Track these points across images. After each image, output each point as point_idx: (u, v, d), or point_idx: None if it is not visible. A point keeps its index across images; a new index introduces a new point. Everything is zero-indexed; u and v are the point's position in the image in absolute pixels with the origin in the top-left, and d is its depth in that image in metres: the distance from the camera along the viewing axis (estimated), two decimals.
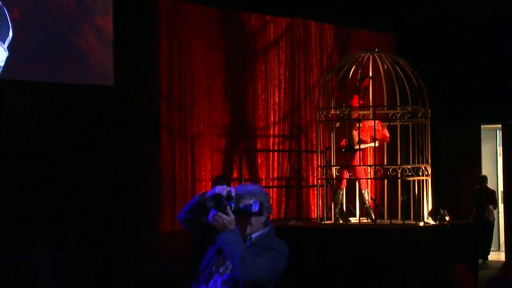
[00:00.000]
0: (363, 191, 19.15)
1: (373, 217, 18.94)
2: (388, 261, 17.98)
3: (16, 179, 13.38)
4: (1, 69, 13.51)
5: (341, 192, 19.18)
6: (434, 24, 22.63)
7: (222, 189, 7.17)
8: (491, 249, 24.28)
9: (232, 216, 7.14)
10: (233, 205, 7.20)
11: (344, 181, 19.10)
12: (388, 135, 19.06)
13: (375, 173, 18.72)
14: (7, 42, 13.80)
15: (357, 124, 18.55)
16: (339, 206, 19.15)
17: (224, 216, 7.07)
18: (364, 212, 19.31)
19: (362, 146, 18.90)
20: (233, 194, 7.22)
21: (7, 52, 13.85)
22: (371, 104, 19.34)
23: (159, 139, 17.63)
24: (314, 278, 16.79)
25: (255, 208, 7.29)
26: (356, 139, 18.62)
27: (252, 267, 7.04)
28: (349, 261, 17.75)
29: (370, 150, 19.33)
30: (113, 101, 15.34)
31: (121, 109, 15.77)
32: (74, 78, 15.07)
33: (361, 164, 19.11)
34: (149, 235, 17.02)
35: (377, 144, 18.99)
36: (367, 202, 19.14)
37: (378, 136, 18.78)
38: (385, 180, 19.37)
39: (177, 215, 7.68)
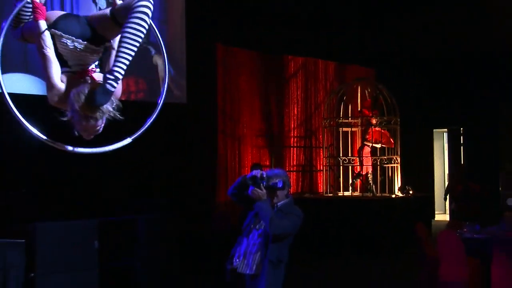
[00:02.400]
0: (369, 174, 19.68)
1: (374, 191, 19.41)
2: (372, 219, 18.13)
3: (128, 167, 13.37)
4: None
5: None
6: (401, 61, 22.55)
7: (257, 172, 7.65)
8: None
9: (264, 191, 7.54)
10: (264, 183, 7.57)
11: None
12: (392, 141, 19.77)
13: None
14: None
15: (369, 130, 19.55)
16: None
17: (259, 190, 7.47)
18: (361, 187, 19.63)
19: (375, 145, 19.54)
20: (264, 175, 7.64)
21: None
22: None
23: (217, 139, 17.77)
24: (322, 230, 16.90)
25: (279, 185, 7.69)
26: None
27: (278, 226, 7.39)
28: (345, 216, 18.13)
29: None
30: (187, 113, 15.41)
31: (192, 118, 15.87)
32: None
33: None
34: (211, 204, 17.11)
35: (379, 146, 19.72)
36: (371, 182, 19.59)
37: (384, 140, 19.67)
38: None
39: (227, 191, 8.30)
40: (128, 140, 4.77)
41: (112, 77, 4.49)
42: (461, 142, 25.08)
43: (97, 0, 12.86)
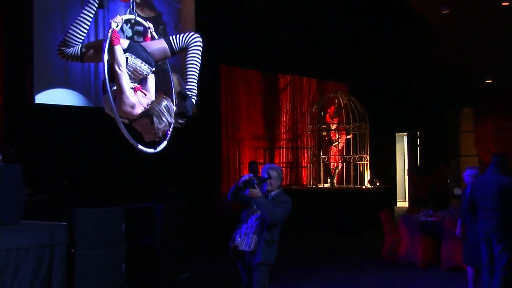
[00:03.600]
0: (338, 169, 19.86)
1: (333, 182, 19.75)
2: (346, 206, 18.23)
3: (149, 165, 13.42)
4: None
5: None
6: (370, 78, 22.64)
7: (247, 176, 7.56)
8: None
9: (258, 189, 7.43)
10: (255, 182, 7.46)
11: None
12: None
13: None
14: None
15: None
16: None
17: (254, 190, 7.38)
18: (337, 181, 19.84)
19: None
20: (253, 177, 7.52)
21: None
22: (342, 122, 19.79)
23: (221, 141, 17.81)
24: (307, 214, 17.01)
25: (264, 176, 7.65)
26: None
27: (274, 215, 7.42)
28: (325, 204, 18.15)
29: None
30: (197, 120, 15.43)
31: (201, 125, 15.85)
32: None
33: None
34: (216, 194, 17.14)
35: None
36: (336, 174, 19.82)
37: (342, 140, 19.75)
38: (345, 163, 19.62)
39: (227, 198, 7.95)
40: (165, 143, 4.93)
41: (194, 94, 5.06)
42: (418, 143, 25.18)
43: (124, 29, 12.90)
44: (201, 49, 5.14)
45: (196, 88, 5.13)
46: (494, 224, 9.00)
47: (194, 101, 5.01)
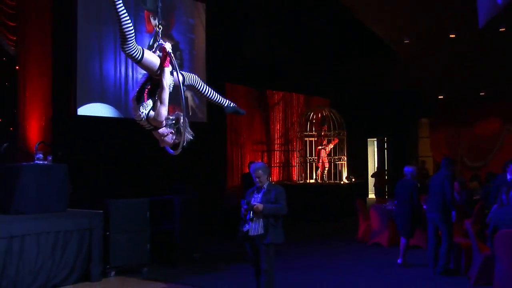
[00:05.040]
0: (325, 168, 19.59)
1: (324, 179, 19.26)
2: (328, 198, 18.21)
3: (169, 164, 13.43)
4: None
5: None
6: (347, 94, 22.65)
7: (243, 203, 7.26)
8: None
9: (257, 204, 7.15)
10: (247, 206, 7.19)
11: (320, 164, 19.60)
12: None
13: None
14: None
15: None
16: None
17: (255, 207, 7.10)
18: (320, 176, 19.63)
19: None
20: (245, 203, 7.22)
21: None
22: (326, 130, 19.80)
23: (226, 145, 17.75)
24: (295, 204, 16.97)
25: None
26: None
27: (283, 208, 7.30)
28: (311, 196, 18.08)
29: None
30: (207, 128, 15.46)
31: (210, 132, 15.83)
32: (190, 117, 15.07)
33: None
34: (223, 189, 17.12)
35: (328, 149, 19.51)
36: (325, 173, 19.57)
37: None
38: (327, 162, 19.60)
39: (238, 233, 7.44)
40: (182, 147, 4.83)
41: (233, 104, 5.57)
42: (385, 147, 25.17)
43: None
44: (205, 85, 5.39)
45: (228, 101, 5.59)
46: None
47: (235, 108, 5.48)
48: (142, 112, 4.65)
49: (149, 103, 4.67)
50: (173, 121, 4.83)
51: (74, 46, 12.58)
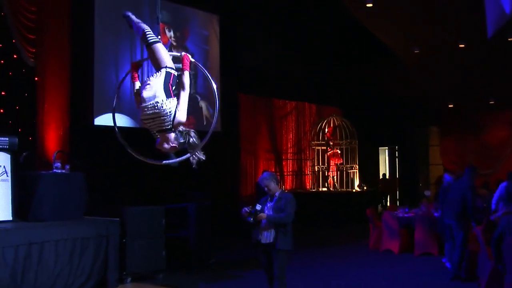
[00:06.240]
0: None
1: (336, 187, 19.13)
2: (340, 205, 18.17)
3: (184, 172, 13.42)
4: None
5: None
6: (359, 103, 22.57)
7: (245, 210, 7.29)
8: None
9: (261, 213, 7.21)
10: (253, 211, 7.23)
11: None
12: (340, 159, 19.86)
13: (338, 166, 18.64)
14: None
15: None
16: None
17: (258, 216, 7.19)
18: (332, 185, 19.61)
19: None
20: (249, 210, 7.25)
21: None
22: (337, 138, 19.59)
23: (240, 154, 17.78)
24: (309, 212, 16.91)
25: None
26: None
27: (288, 216, 7.26)
28: (323, 203, 17.99)
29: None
30: (221, 137, 15.46)
31: (224, 141, 15.86)
32: (204, 127, 15.09)
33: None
34: (237, 196, 17.12)
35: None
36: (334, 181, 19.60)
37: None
38: (339, 171, 19.53)
39: (251, 240, 7.45)
40: (188, 154, 4.64)
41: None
42: (396, 155, 25.12)
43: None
44: None
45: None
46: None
47: None
48: (169, 108, 4.43)
49: (174, 100, 4.48)
50: (183, 132, 4.64)
51: (91, 57, 12.69)
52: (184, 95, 4.52)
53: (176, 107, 4.44)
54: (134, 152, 4.86)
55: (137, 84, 4.72)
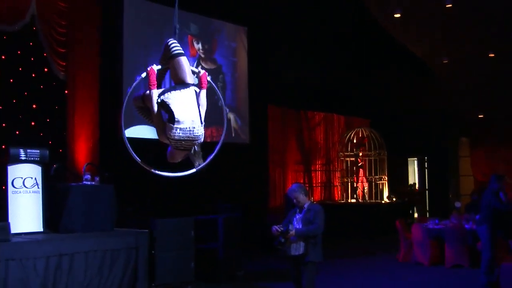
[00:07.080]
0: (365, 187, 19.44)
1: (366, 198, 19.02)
2: (369, 217, 18.03)
3: (213, 184, 13.43)
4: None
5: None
6: (387, 114, 22.43)
7: (274, 230, 7.25)
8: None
9: (293, 231, 7.15)
10: (284, 229, 7.19)
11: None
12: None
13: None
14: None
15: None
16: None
17: (288, 234, 7.15)
18: (361, 196, 19.47)
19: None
20: (279, 230, 7.20)
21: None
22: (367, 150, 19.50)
23: (268, 166, 17.74)
24: (338, 223, 16.81)
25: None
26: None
27: (317, 229, 7.23)
28: (352, 215, 17.91)
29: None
30: (250, 149, 15.47)
31: (253, 153, 15.88)
32: (233, 138, 15.08)
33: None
34: (265, 208, 17.08)
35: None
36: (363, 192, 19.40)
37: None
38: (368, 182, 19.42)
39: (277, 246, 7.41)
40: (202, 164, 4.74)
41: None
42: (425, 166, 24.94)
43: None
44: None
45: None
46: None
47: None
48: (202, 134, 4.52)
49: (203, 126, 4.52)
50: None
51: (120, 71, 12.79)
52: (203, 111, 4.55)
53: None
54: (146, 165, 4.79)
55: (155, 93, 4.65)
